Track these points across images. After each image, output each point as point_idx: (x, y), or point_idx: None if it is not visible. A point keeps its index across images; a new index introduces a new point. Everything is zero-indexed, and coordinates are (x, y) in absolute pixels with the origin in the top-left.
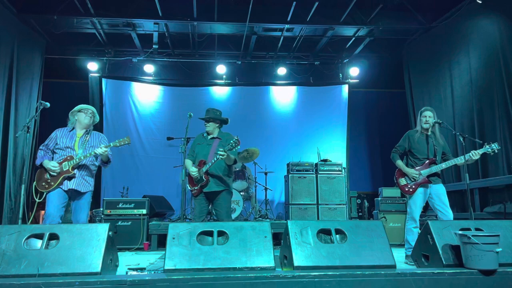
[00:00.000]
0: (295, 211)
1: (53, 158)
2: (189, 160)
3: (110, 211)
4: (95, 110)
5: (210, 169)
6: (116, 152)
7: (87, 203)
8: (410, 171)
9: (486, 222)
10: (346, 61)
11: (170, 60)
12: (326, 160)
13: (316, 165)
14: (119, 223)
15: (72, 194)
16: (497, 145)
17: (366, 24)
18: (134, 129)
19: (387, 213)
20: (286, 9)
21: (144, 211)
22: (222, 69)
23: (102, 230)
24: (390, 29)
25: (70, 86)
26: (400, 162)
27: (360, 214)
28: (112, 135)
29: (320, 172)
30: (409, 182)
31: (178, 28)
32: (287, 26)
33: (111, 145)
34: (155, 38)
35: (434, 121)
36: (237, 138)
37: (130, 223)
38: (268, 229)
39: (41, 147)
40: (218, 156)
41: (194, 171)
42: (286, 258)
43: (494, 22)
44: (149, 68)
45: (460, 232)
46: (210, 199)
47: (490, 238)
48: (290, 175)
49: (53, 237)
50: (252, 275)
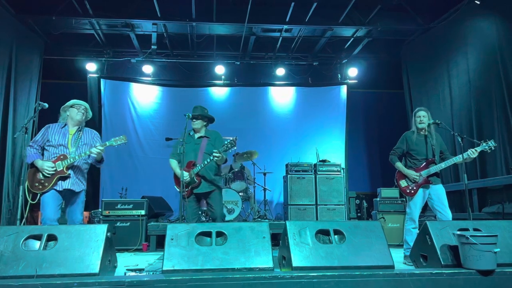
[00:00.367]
0: (294, 212)
1: (43, 155)
2: (174, 160)
3: (109, 212)
4: (88, 106)
5: (201, 170)
6: (114, 153)
7: (82, 202)
8: (410, 173)
9: (484, 223)
10: (344, 61)
11: (169, 60)
12: (324, 160)
13: (315, 165)
14: (118, 224)
15: (66, 194)
16: (493, 142)
17: (364, 24)
18: (133, 129)
19: (386, 213)
20: (284, 9)
21: (142, 212)
22: (220, 69)
23: (101, 231)
24: (388, 29)
25: (69, 86)
26: (399, 164)
27: (358, 215)
28: (111, 136)
29: (319, 172)
30: (409, 183)
31: (177, 28)
32: (286, 26)
33: (107, 144)
34: (154, 38)
35: (431, 121)
36: (233, 139)
37: (128, 224)
38: (266, 229)
39: (31, 144)
40: (213, 158)
41: (186, 176)
42: (284, 259)
43: (492, 23)
44: (147, 68)
45: (458, 232)
46: (201, 199)
47: (488, 238)
48: (289, 176)
49: (51, 238)
50: (250, 276)
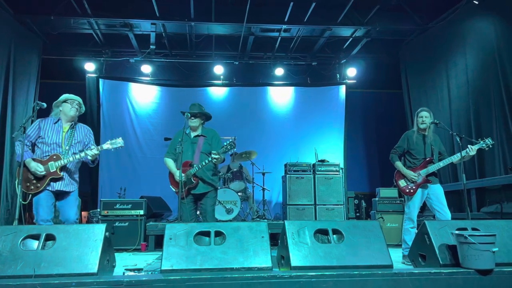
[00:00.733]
0: (293, 212)
1: (33, 151)
2: (170, 159)
3: (107, 212)
4: (81, 100)
5: (199, 171)
6: (113, 153)
7: (75, 200)
8: (408, 173)
9: (482, 222)
10: (343, 61)
11: (168, 60)
12: (323, 160)
13: (313, 165)
14: (117, 224)
15: (59, 194)
16: (491, 140)
17: (363, 24)
18: (132, 129)
19: (385, 213)
20: (283, 9)
21: (141, 212)
22: (219, 69)
23: (99, 230)
24: (387, 29)
25: (67, 86)
26: (399, 164)
27: (357, 215)
28: (109, 136)
29: (317, 172)
30: (409, 183)
31: (176, 28)
32: (285, 26)
33: (103, 147)
34: (153, 38)
35: (431, 121)
36: (233, 140)
37: (127, 224)
38: (265, 229)
39: (20, 139)
40: (212, 160)
41: (182, 177)
42: (283, 258)
43: (490, 23)
44: (146, 68)
45: (456, 232)
46: (198, 200)
47: (487, 238)
48: (287, 176)
49: (49, 237)
50: (249, 276)
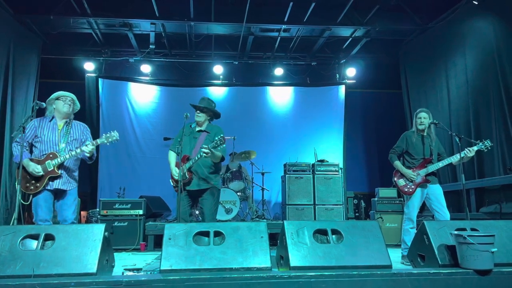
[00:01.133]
0: (292, 212)
1: (31, 151)
2: (173, 152)
3: (107, 212)
4: (75, 97)
5: (194, 166)
6: (112, 152)
7: (73, 199)
8: (407, 172)
9: (481, 222)
10: (343, 61)
11: (167, 60)
12: (323, 160)
13: (313, 165)
14: (116, 224)
15: (57, 193)
16: (489, 141)
17: (362, 25)
18: (131, 129)
19: (384, 213)
20: (283, 9)
21: (140, 212)
22: (219, 69)
23: (98, 230)
24: (386, 30)
25: (67, 86)
26: (398, 163)
27: (357, 215)
28: None
29: (317, 172)
30: (408, 182)
31: (175, 28)
32: (284, 26)
33: (98, 142)
34: (152, 38)
35: (430, 121)
36: (222, 136)
37: (126, 224)
38: (264, 229)
39: (18, 140)
40: (201, 153)
41: (176, 173)
42: (282, 259)
43: (490, 23)
44: (146, 68)
45: (455, 232)
46: (193, 198)
47: (486, 238)
48: (287, 176)
49: (48, 237)
50: (248, 276)
